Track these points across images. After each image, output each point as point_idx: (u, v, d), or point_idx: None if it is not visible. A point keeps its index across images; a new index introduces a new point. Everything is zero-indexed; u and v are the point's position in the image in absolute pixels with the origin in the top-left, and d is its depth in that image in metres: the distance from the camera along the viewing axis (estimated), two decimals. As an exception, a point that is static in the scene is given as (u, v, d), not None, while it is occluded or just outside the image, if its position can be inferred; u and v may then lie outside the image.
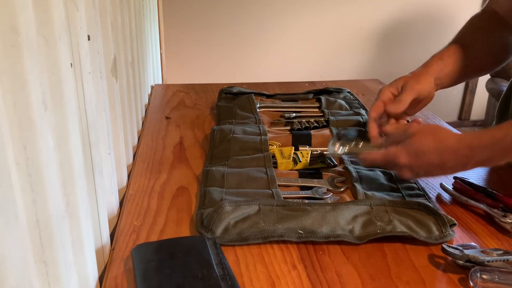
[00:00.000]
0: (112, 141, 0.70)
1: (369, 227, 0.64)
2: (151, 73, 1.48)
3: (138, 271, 0.55)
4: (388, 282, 0.56)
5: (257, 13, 2.72)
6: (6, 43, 0.34)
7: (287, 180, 0.79)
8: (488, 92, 2.58)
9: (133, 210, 0.70)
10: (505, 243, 0.64)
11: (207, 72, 2.75)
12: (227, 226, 0.63)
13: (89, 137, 0.57)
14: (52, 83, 0.44)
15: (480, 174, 0.86)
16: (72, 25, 0.51)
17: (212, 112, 1.14)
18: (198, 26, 2.68)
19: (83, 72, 0.54)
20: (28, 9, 0.36)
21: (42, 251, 0.41)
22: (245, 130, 0.94)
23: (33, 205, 0.39)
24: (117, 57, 0.78)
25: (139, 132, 1.05)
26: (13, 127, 0.36)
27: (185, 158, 0.88)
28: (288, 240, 0.62)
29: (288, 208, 0.66)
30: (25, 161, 0.37)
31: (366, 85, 1.39)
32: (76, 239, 0.50)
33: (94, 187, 0.59)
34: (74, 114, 0.48)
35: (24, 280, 0.37)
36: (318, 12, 2.76)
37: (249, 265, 0.59)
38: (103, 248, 0.62)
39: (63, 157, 0.46)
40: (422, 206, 0.66)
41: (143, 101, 1.18)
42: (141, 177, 0.81)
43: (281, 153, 0.85)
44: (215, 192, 0.71)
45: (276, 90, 1.26)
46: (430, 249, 0.63)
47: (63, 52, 0.45)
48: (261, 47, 2.79)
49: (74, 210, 0.49)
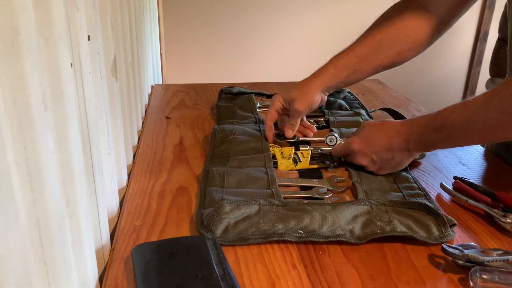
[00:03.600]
0: (112, 141, 0.70)
1: (369, 227, 0.64)
2: (151, 73, 1.48)
3: (138, 271, 0.55)
4: (388, 282, 0.56)
5: (257, 13, 2.72)
6: (6, 43, 0.34)
7: (287, 180, 0.79)
8: (488, 92, 2.58)
9: (133, 210, 0.70)
10: (505, 243, 0.64)
11: (207, 72, 2.75)
12: (227, 226, 0.63)
13: (89, 137, 0.57)
14: (52, 83, 0.44)
15: (480, 174, 0.86)
16: (72, 25, 0.51)
17: (212, 112, 1.14)
18: (198, 26, 2.68)
19: (83, 72, 0.54)
20: (28, 9, 0.36)
21: (42, 251, 0.41)
22: (245, 130, 0.95)
23: (33, 205, 0.39)
24: (117, 57, 0.78)
25: (139, 132, 1.05)
26: (13, 127, 0.36)
27: (185, 158, 0.88)
28: (288, 240, 0.62)
29: (288, 208, 0.66)
30: (25, 161, 0.37)
31: (366, 85, 1.39)
32: (76, 239, 0.50)
33: (94, 187, 0.59)
34: (74, 114, 0.48)
35: (24, 280, 0.37)
36: (318, 12, 2.76)
37: (249, 265, 0.59)
38: (103, 248, 0.62)
39: (63, 157, 0.46)
40: (422, 206, 0.66)
41: (143, 101, 1.18)
42: (141, 177, 0.81)
43: (281, 153, 0.85)
44: (215, 192, 0.71)
45: (276, 90, 1.25)
46: (430, 249, 0.63)
47: (63, 52, 0.45)
48: (261, 47, 2.79)
49: (74, 210, 0.49)
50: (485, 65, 2.92)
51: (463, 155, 0.92)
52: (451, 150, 0.94)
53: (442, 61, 2.95)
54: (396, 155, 0.77)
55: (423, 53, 0.94)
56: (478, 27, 2.90)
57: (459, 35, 2.88)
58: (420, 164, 0.87)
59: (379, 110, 1.15)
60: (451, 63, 2.99)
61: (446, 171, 0.85)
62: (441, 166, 0.87)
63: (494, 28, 2.79)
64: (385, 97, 1.30)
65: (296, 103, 0.92)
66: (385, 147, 0.77)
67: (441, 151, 0.93)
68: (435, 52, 2.89)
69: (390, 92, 1.35)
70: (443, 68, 2.97)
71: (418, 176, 0.82)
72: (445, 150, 0.93)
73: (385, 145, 0.77)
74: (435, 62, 2.93)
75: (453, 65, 3.00)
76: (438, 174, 0.84)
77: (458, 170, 0.86)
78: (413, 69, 2.83)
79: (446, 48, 2.90)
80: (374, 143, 0.78)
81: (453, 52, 2.94)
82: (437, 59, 2.93)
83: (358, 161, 0.80)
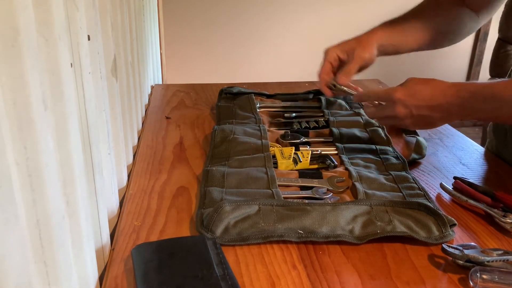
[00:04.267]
0: (112, 141, 0.70)
1: (369, 227, 0.64)
2: (151, 73, 1.48)
3: (138, 271, 0.55)
4: (388, 282, 0.57)
5: (257, 13, 2.72)
6: (6, 43, 0.34)
7: (287, 180, 0.79)
8: (488, 92, 2.58)
9: (133, 210, 0.70)
10: (505, 243, 0.64)
11: (207, 72, 2.75)
12: (227, 226, 0.63)
13: (89, 137, 0.57)
14: (52, 83, 0.44)
15: (480, 174, 0.86)
16: (72, 25, 0.51)
17: (212, 112, 1.14)
18: (198, 26, 2.68)
19: (83, 72, 0.54)
20: (28, 9, 0.36)
21: (42, 251, 0.41)
22: (245, 130, 0.95)
23: (33, 205, 0.39)
24: (117, 57, 0.78)
25: (139, 132, 1.05)
26: (13, 127, 0.35)
27: (185, 158, 0.88)
28: (288, 240, 0.62)
29: (288, 208, 0.66)
30: (25, 161, 0.37)
31: (366, 85, 1.39)
32: (76, 239, 0.50)
33: (94, 187, 0.59)
34: (74, 114, 0.48)
35: (24, 280, 0.37)
36: (318, 12, 2.76)
37: (249, 265, 0.59)
38: (103, 248, 0.62)
39: (63, 157, 0.46)
40: (422, 206, 0.66)
41: (143, 101, 1.18)
42: (141, 177, 0.81)
43: (281, 153, 0.85)
44: (215, 192, 0.71)
45: (276, 90, 1.26)
46: (430, 249, 0.63)
47: (63, 52, 0.45)
48: (261, 47, 2.79)
49: (74, 210, 0.49)
50: (485, 65, 2.92)
51: (463, 155, 0.92)
52: (451, 150, 0.94)
53: (442, 61, 2.95)
54: (435, 114, 0.77)
55: (423, 53, 0.95)
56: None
57: (459, 35, 2.88)
58: (420, 164, 0.87)
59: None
60: (451, 63, 2.99)
61: (446, 171, 0.85)
62: (441, 166, 0.87)
63: (494, 28, 2.79)
64: (385, 97, 1.30)
65: (358, 49, 0.92)
66: (428, 104, 0.76)
67: (441, 151, 0.93)
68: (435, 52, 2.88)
69: (390, 92, 1.35)
70: (443, 68, 2.97)
71: (418, 176, 0.82)
72: (445, 150, 0.93)
73: (428, 101, 0.76)
74: (435, 62, 2.93)
75: (453, 65, 3.00)
76: (438, 174, 0.84)
77: (458, 170, 0.86)
78: (413, 69, 2.83)
79: (446, 48, 2.90)
80: (418, 96, 0.77)
81: (453, 52, 2.94)
82: (437, 59, 2.93)
83: (396, 110, 0.79)
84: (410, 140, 0.98)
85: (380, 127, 0.98)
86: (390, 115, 0.81)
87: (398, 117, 0.79)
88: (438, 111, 0.76)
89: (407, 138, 0.99)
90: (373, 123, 1.00)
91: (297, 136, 0.94)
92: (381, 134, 0.95)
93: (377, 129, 0.97)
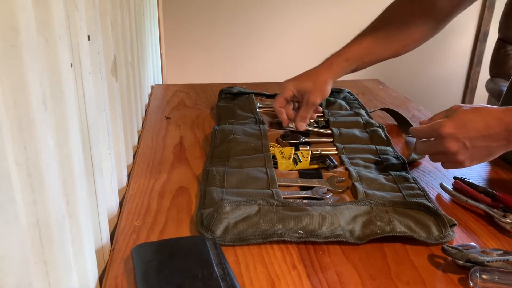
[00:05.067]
0: (112, 141, 0.70)
1: (369, 227, 0.64)
2: (151, 73, 1.48)
3: (138, 271, 0.55)
4: (388, 282, 0.56)
5: (257, 13, 2.72)
6: (6, 43, 0.34)
7: (287, 180, 0.79)
8: (488, 92, 2.58)
9: (133, 210, 0.70)
10: (505, 243, 0.64)
11: (207, 72, 2.75)
12: (227, 226, 0.63)
13: (89, 137, 0.57)
14: (52, 83, 0.44)
15: (480, 174, 0.86)
16: (72, 25, 0.51)
17: (212, 112, 1.14)
18: (198, 26, 2.68)
19: (83, 72, 0.54)
20: (28, 9, 0.36)
21: (42, 251, 0.41)
22: (245, 130, 0.95)
23: (33, 205, 0.39)
24: (117, 57, 0.78)
25: (139, 132, 1.05)
26: (13, 127, 0.35)
27: (185, 158, 0.88)
28: (288, 240, 0.62)
29: (288, 208, 0.66)
30: (25, 161, 0.37)
31: (366, 85, 1.39)
32: (76, 239, 0.50)
33: (94, 187, 0.59)
34: (74, 114, 0.48)
35: (24, 280, 0.37)
36: (318, 12, 2.76)
37: (249, 265, 0.59)
38: (103, 248, 0.62)
39: (63, 157, 0.46)
40: (422, 206, 0.66)
41: (143, 101, 1.18)
42: (141, 177, 0.81)
43: (281, 153, 0.85)
44: (215, 192, 0.71)
45: (276, 90, 1.25)
46: (430, 249, 0.63)
47: (63, 52, 0.45)
48: (261, 47, 2.79)
49: (74, 210, 0.49)
50: (485, 65, 2.92)
51: (463, 155, 0.92)
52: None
53: (442, 61, 2.95)
54: (492, 144, 0.70)
55: (423, 53, 0.95)
56: (478, 27, 2.90)
57: (459, 35, 2.88)
58: (420, 164, 0.87)
59: (379, 110, 1.15)
60: (451, 63, 2.99)
61: (446, 171, 0.85)
62: (441, 166, 0.87)
63: (494, 28, 2.79)
64: (385, 97, 1.30)
65: (312, 95, 0.93)
66: (482, 134, 0.70)
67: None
68: (435, 52, 2.89)
69: (390, 92, 1.35)
70: (443, 68, 2.97)
71: (418, 176, 0.82)
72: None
73: (482, 132, 0.70)
74: (435, 62, 2.93)
75: (453, 65, 3.00)
76: (438, 174, 0.84)
77: (458, 170, 0.86)
78: (413, 69, 2.83)
79: (446, 48, 2.90)
80: (470, 127, 0.70)
81: (453, 52, 2.94)
82: (437, 59, 2.93)
83: (447, 146, 0.71)
84: (410, 140, 0.98)
85: (380, 127, 0.98)
86: (441, 151, 0.73)
87: (450, 152, 0.72)
88: (495, 139, 0.70)
89: (407, 138, 0.99)
90: (373, 123, 1.00)
91: (297, 136, 0.95)
92: (381, 134, 0.95)
93: (377, 129, 0.97)
